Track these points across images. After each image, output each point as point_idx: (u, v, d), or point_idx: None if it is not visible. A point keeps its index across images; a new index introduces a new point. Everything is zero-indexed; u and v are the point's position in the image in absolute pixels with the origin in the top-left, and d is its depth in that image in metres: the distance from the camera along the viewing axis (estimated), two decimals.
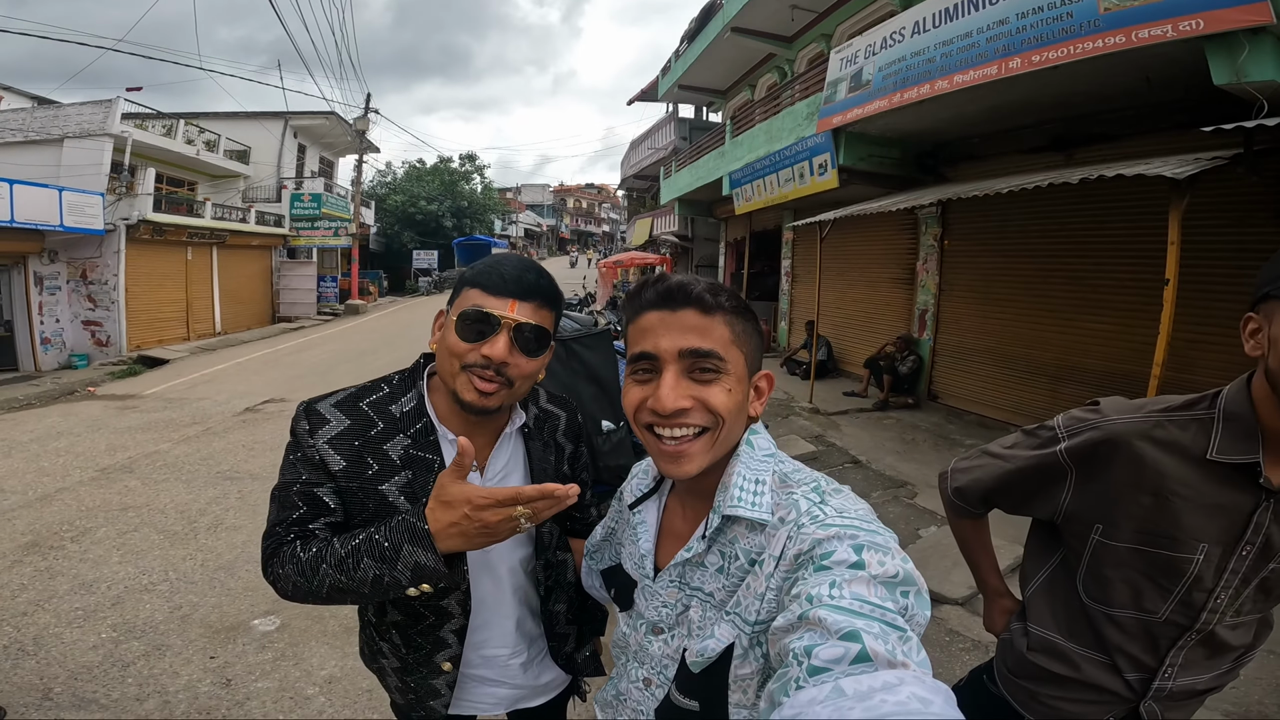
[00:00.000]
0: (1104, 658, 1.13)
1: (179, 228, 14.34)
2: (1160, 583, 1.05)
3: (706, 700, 0.78)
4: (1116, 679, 1.13)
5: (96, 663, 2.89)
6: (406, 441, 1.06)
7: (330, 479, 1.03)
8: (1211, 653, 1.10)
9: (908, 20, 6.06)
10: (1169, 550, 1.03)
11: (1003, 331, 7.00)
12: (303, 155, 21.97)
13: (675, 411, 0.77)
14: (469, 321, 0.99)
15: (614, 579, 1.00)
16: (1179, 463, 1.01)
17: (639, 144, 23.06)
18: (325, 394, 1.10)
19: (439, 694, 1.15)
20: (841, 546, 0.67)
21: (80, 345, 12.46)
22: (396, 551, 0.90)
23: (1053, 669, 1.18)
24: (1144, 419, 1.05)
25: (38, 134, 12.51)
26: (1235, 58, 3.69)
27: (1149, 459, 1.03)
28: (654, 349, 0.79)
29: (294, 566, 0.98)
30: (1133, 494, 1.04)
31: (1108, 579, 1.10)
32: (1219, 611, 1.05)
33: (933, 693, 0.49)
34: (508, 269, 1.02)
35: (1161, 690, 1.11)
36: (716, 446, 0.80)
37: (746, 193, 10.07)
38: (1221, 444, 0.98)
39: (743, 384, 0.80)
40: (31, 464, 5.86)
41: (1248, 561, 1.01)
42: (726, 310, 0.79)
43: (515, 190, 63.04)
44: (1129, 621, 1.10)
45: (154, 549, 4.08)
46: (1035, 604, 1.24)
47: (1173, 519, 1.02)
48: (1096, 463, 1.08)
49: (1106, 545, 1.09)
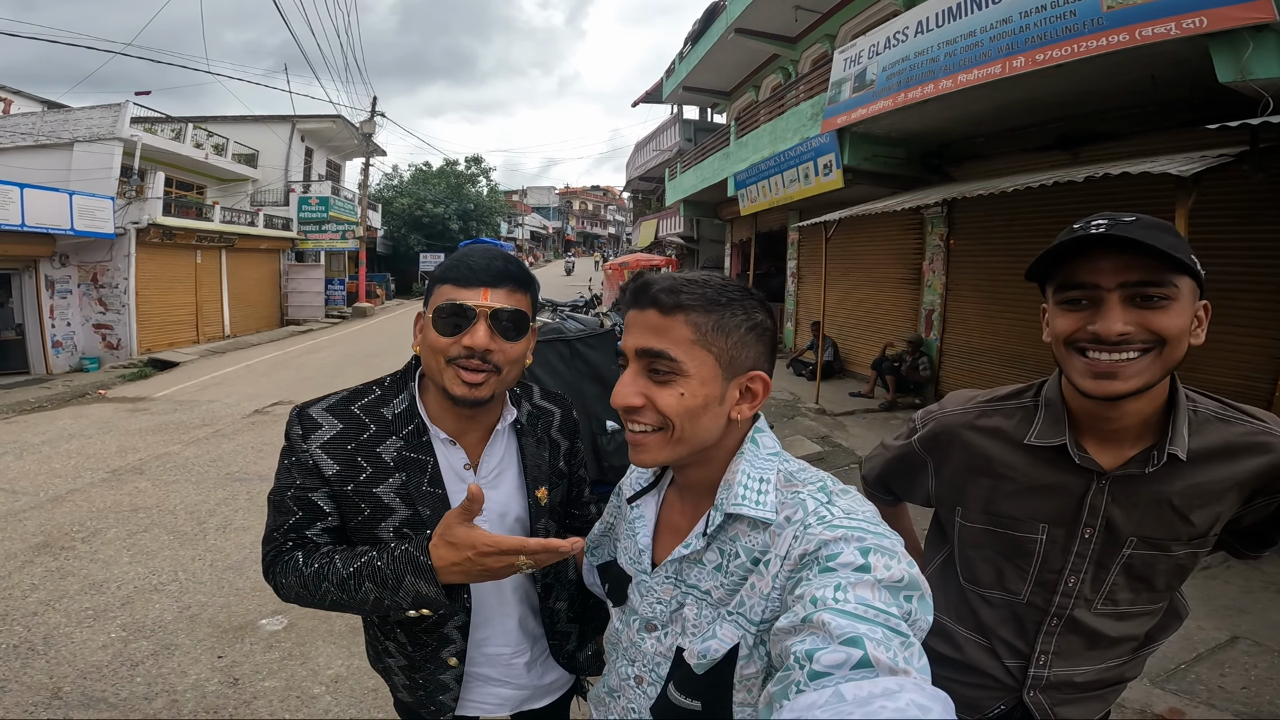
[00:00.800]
0: (983, 640, 1.16)
1: (188, 231, 14.46)
2: (1016, 562, 1.09)
3: (709, 700, 0.77)
4: (996, 663, 1.15)
5: (105, 662, 2.92)
6: (399, 443, 1.07)
7: (324, 484, 1.04)
8: (1089, 643, 1.09)
9: (911, 20, 6.05)
10: (1013, 530, 1.08)
11: (1010, 331, 6.97)
12: (310, 159, 22.09)
13: (627, 408, 0.79)
14: (445, 316, 1.00)
15: (608, 573, 1.00)
16: (1004, 448, 1.07)
17: (644, 146, 23.12)
18: (318, 398, 1.11)
19: (448, 688, 1.16)
20: (848, 549, 0.66)
21: (91, 348, 12.56)
22: (399, 581, 0.92)
23: (940, 650, 1.20)
24: (969, 409, 1.13)
25: (48, 138, 12.64)
26: (1239, 55, 3.67)
27: (976, 446, 1.10)
28: (624, 345, 0.81)
29: (296, 579, 1.00)
30: (973, 477, 1.11)
31: (972, 559, 1.15)
32: (1074, 595, 1.06)
33: (932, 700, 0.49)
34: (475, 260, 1.03)
35: (1039, 679, 1.12)
36: (674, 444, 0.79)
37: (751, 194, 10.07)
38: (1040, 429, 1.03)
39: (708, 385, 0.77)
40: (43, 466, 5.93)
41: (1093, 544, 1.03)
42: (688, 309, 0.76)
43: (521, 193, 63.21)
44: (999, 601, 1.13)
45: (164, 549, 4.12)
46: (930, 588, 1.28)
47: (1009, 500, 1.07)
48: (939, 451, 1.16)
49: (966, 526, 1.14)
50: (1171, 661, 2.89)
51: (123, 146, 12.81)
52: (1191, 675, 2.82)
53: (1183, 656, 2.93)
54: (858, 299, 9.93)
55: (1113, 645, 1.10)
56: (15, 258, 11.16)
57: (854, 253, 9.78)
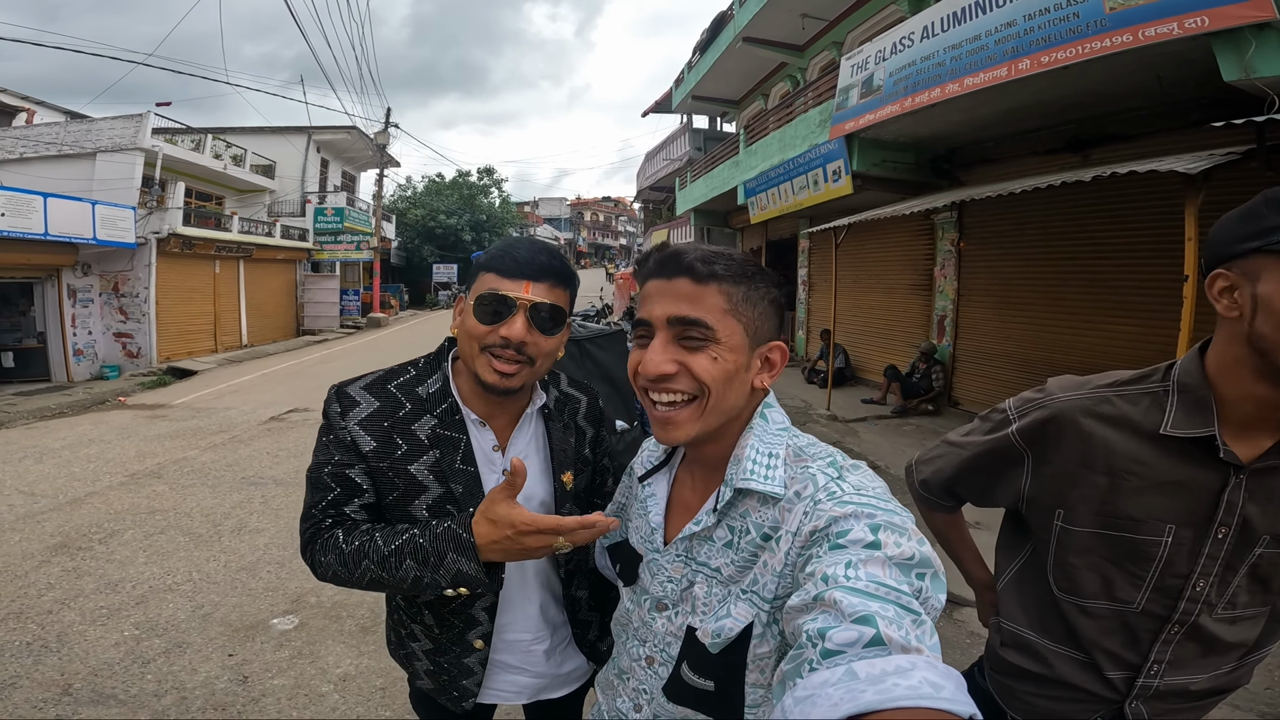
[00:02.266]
0: (1079, 654, 1.06)
1: (207, 241, 14.68)
2: (1129, 569, 0.98)
3: (722, 680, 0.77)
4: (1094, 677, 1.05)
5: (117, 659, 2.96)
6: (433, 422, 1.09)
7: (361, 459, 1.06)
8: (1205, 649, 1.00)
9: (917, 25, 6.08)
10: (1132, 533, 0.96)
11: (1023, 335, 6.92)
12: (325, 170, 22.44)
13: (659, 376, 0.78)
14: (486, 304, 1.02)
15: (619, 553, 1.00)
16: (1129, 439, 0.95)
17: (654, 155, 23.21)
18: (354, 378, 1.13)
19: (472, 672, 1.16)
20: (858, 525, 0.66)
21: (112, 357, 12.77)
22: (441, 558, 0.94)
23: (1025, 665, 1.12)
24: (1089, 394, 1.00)
25: (71, 148, 12.84)
26: (1243, 53, 3.66)
27: (1096, 436, 0.97)
28: (648, 315, 0.81)
29: (335, 556, 1.01)
30: (1086, 474, 0.98)
31: (1075, 567, 1.03)
32: (1200, 600, 0.97)
33: (944, 678, 0.49)
34: (521, 252, 1.04)
35: (1148, 689, 1.03)
36: (707, 415, 0.79)
37: (761, 201, 10.09)
38: (1176, 418, 0.92)
39: (738, 354, 0.79)
40: (63, 469, 6.03)
41: (1226, 545, 0.93)
42: (721, 278, 0.78)
43: (533, 204, 63.62)
44: (1104, 613, 1.02)
45: (179, 550, 4.17)
46: (1005, 599, 1.19)
47: (1130, 499, 0.95)
48: (1047, 443, 1.02)
49: (1069, 531, 1.02)
50: None
51: (144, 157, 13.01)
52: None
53: None
54: (869, 305, 9.90)
55: (1227, 651, 1.02)
56: (38, 267, 11.38)
57: (864, 259, 9.75)
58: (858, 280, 9.88)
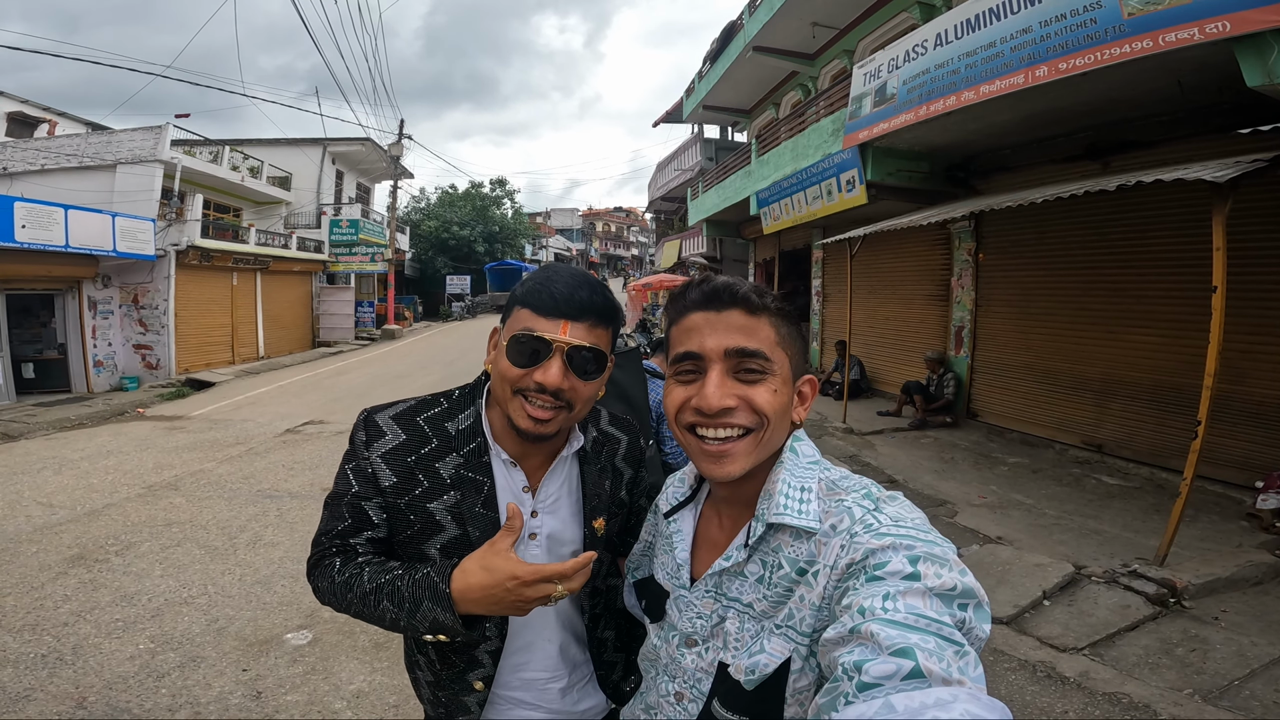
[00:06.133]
0: None
1: (225, 253, 14.88)
2: None
3: (757, 715, 0.76)
4: None
5: (132, 673, 2.95)
6: (459, 460, 1.05)
7: (379, 494, 1.04)
8: None
9: (930, 33, 6.04)
10: None
11: (1044, 346, 6.81)
12: (340, 181, 22.69)
13: (720, 411, 0.76)
14: (520, 345, 0.95)
15: (645, 590, 0.98)
16: None
17: (665, 166, 23.30)
18: (386, 404, 1.09)
19: (469, 710, 1.13)
20: (896, 557, 0.64)
21: (131, 368, 12.93)
22: (416, 605, 0.91)
23: None
24: None
25: (91, 159, 12.99)
26: (1266, 58, 3.59)
27: None
28: (699, 348, 0.79)
29: (328, 584, 1.01)
30: None
31: None
32: None
33: (988, 710, 0.47)
34: (559, 287, 0.96)
35: None
36: (760, 448, 0.78)
37: (774, 212, 10.06)
38: None
39: (788, 386, 0.80)
40: (81, 481, 6.09)
41: None
42: (772, 312, 0.79)
43: (545, 215, 63.96)
44: None
45: (195, 563, 4.18)
46: None
47: None
48: None
49: None
50: (1224, 678, 2.78)
51: (163, 169, 13.15)
52: (1245, 691, 2.70)
53: (1237, 673, 2.81)
54: (884, 317, 9.81)
55: None
56: (59, 278, 11.54)
57: (880, 270, 9.67)
58: (873, 291, 9.79)
